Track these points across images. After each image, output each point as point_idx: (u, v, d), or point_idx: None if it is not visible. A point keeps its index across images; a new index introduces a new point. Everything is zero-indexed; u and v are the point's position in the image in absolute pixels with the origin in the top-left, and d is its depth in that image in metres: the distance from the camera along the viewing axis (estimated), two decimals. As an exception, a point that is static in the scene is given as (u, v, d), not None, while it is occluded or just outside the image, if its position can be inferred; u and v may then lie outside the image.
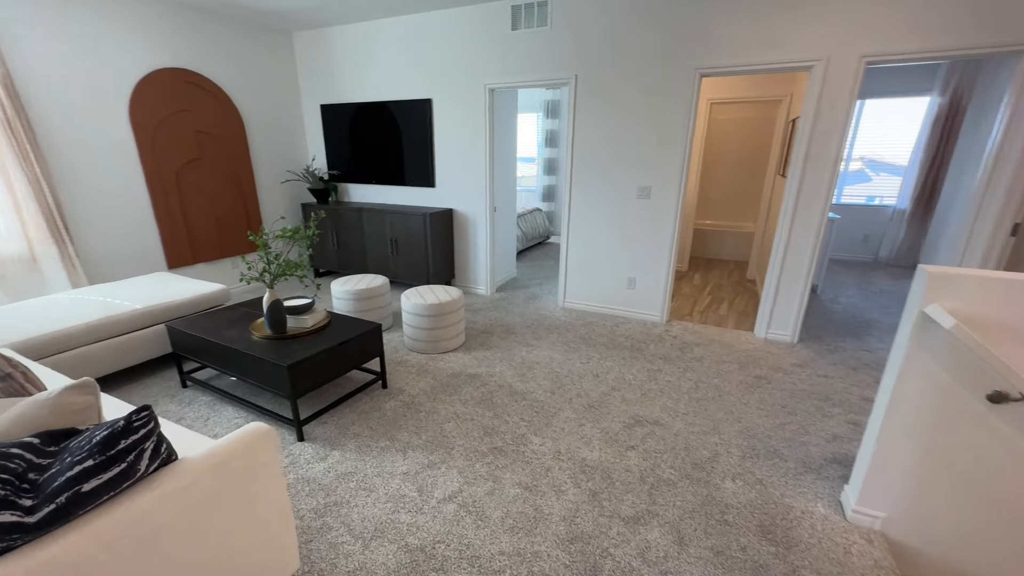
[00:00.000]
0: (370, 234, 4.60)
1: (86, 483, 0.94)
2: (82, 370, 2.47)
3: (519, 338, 3.56)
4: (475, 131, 4.18)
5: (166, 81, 3.75)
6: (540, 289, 4.84)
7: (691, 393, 2.78)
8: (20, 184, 2.94)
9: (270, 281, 2.40)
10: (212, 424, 2.39)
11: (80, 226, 3.35)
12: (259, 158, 4.61)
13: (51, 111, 3.14)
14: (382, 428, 2.38)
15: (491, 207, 4.38)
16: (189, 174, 4.01)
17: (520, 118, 7.62)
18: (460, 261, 4.70)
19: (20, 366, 1.24)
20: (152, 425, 1.05)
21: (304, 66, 4.83)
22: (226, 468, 1.19)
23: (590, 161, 3.82)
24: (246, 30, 4.31)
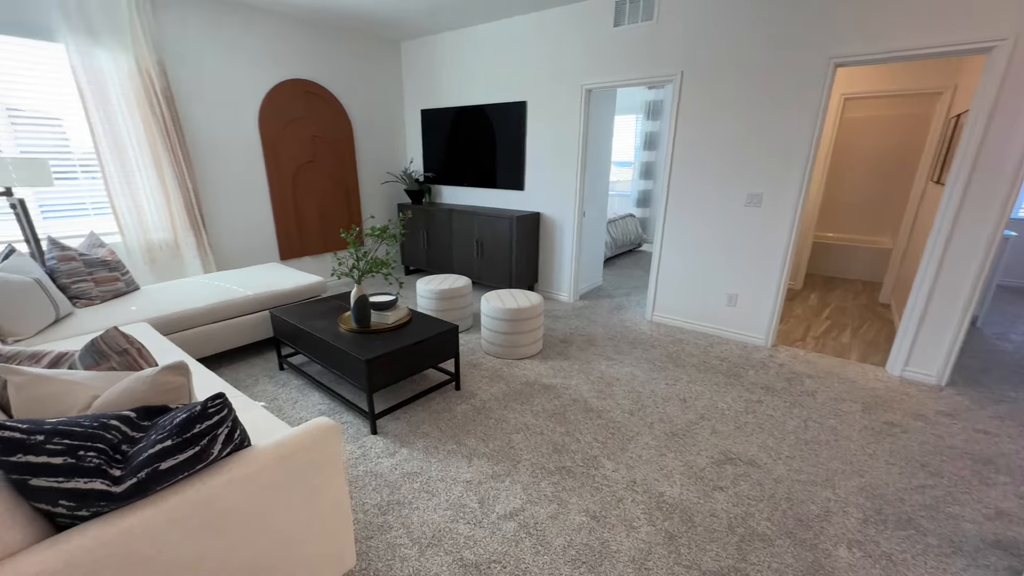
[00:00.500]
0: (458, 235, 4.69)
1: (163, 462, 0.99)
2: (200, 347, 2.79)
3: (600, 350, 3.36)
4: (568, 133, 4.07)
5: (289, 91, 4.15)
6: (627, 300, 4.57)
7: (798, 433, 2.39)
8: (171, 181, 3.42)
9: (358, 277, 2.50)
10: (299, 407, 2.55)
11: (212, 218, 3.83)
12: (363, 160, 4.93)
13: (197, 118, 3.62)
14: (451, 431, 2.36)
15: (580, 212, 4.23)
16: (303, 175, 4.41)
17: (617, 120, 7.35)
18: (544, 266, 4.60)
19: (136, 343, 1.38)
20: (225, 412, 1.09)
21: (409, 73, 5.09)
22: (291, 460, 1.20)
23: (692, 165, 3.51)
24: (361, 42, 4.64)
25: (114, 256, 2.85)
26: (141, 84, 3.20)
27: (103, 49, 3.04)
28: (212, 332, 2.83)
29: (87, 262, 2.67)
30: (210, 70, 3.64)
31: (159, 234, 3.47)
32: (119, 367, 1.33)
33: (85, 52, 2.97)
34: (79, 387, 1.16)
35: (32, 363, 1.27)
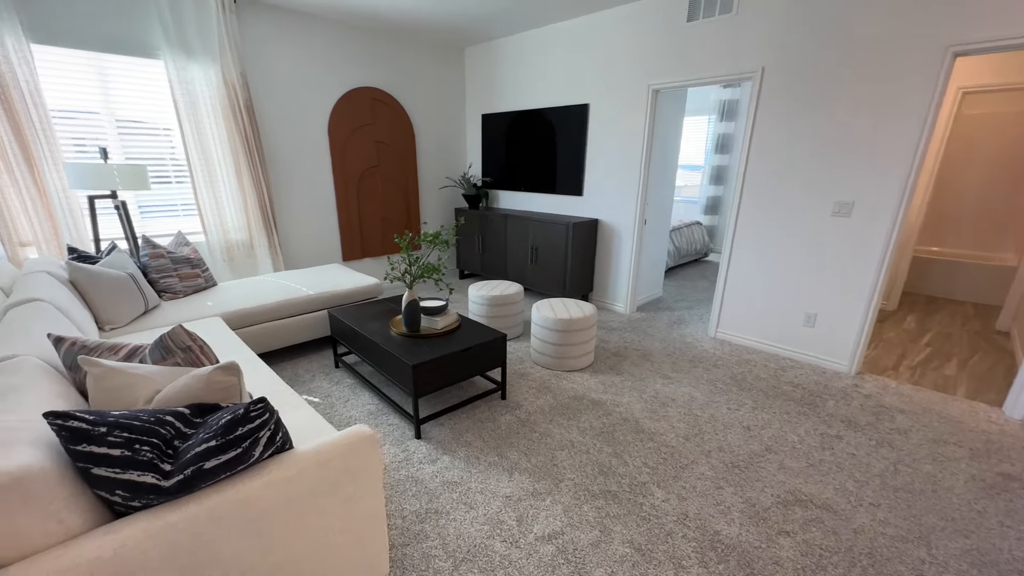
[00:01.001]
0: (512, 241, 4.67)
1: (207, 461, 1.02)
2: (266, 342, 2.96)
3: (655, 367, 3.18)
4: (631, 137, 3.91)
5: (357, 99, 4.34)
6: (688, 313, 4.32)
7: (885, 477, 2.10)
8: (248, 186, 3.69)
9: (410, 282, 2.53)
10: (350, 406, 2.62)
11: (283, 221, 4.08)
12: (424, 166, 5.06)
13: (272, 127, 3.88)
14: (493, 442, 2.32)
15: (640, 219, 4.05)
16: (367, 179, 4.59)
17: (686, 122, 7.02)
18: (600, 275, 4.46)
19: (199, 340, 1.47)
20: (267, 416, 1.11)
21: (471, 79, 5.16)
22: (328, 466, 1.21)
23: (770, 170, 3.24)
24: (427, 50, 4.76)
25: (197, 254, 3.11)
26: (226, 95, 3.47)
27: (196, 64, 3.33)
28: (277, 328, 2.99)
29: (173, 259, 2.93)
30: (285, 82, 3.88)
31: (237, 235, 3.74)
32: (183, 363, 1.41)
33: (181, 67, 3.27)
34: (145, 381, 1.24)
35: (111, 355, 1.38)
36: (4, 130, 2.69)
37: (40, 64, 2.86)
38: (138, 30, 3.14)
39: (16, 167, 2.75)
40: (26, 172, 2.78)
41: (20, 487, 0.84)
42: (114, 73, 3.13)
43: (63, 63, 2.94)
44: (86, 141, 3.10)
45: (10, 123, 2.70)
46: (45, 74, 2.89)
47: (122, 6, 3.05)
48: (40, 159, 2.82)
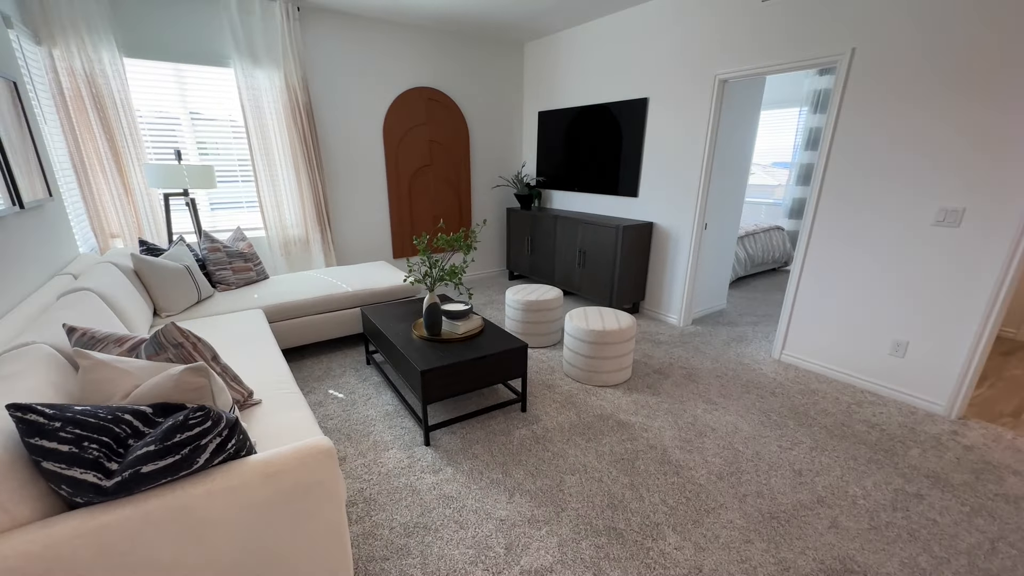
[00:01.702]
0: (561, 243, 4.49)
1: (145, 465, 1.03)
2: (304, 335, 3.09)
3: (700, 389, 2.86)
4: (693, 132, 3.57)
5: (412, 99, 4.41)
6: (752, 330, 3.86)
7: (976, 557, 1.68)
8: (305, 184, 3.90)
9: (431, 284, 2.49)
10: (369, 405, 2.65)
11: (336, 218, 4.27)
12: (477, 165, 5.04)
13: (330, 128, 4.06)
14: (501, 457, 2.20)
15: (700, 223, 3.69)
16: (419, 178, 4.66)
17: (775, 114, 6.33)
18: (653, 282, 4.14)
19: (191, 336, 1.52)
20: (208, 424, 1.09)
21: (529, 75, 5.04)
22: (278, 478, 1.18)
23: (856, 168, 2.78)
24: (486, 47, 4.72)
25: (251, 249, 3.33)
26: (288, 98, 3.68)
27: (261, 70, 3.57)
28: (314, 323, 3.12)
29: (228, 253, 3.17)
30: (343, 85, 4.04)
31: (294, 230, 3.98)
32: (175, 359, 1.47)
33: (248, 73, 3.52)
34: (126, 376, 1.29)
35: (116, 347, 1.47)
36: (99, 136, 3.06)
37: (130, 75, 3.21)
38: (212, 41, 3.42)
39: (108, 168, 3.12)
40: (115, 172, 3.15)
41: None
42: (191, 80, 3.44)
43: (148, 73, 3.29)
44: (165, 143, 3.45)
45: (104, 130, 3.07)
46: (134, 84, 3.25)
47: (199, 21, 3.34)
48: (127, 161, 3.18)
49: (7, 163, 1.99)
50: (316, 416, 2.50)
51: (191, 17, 3.31)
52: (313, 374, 2.97)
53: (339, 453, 2.20)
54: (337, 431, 2.38)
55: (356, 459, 2.16)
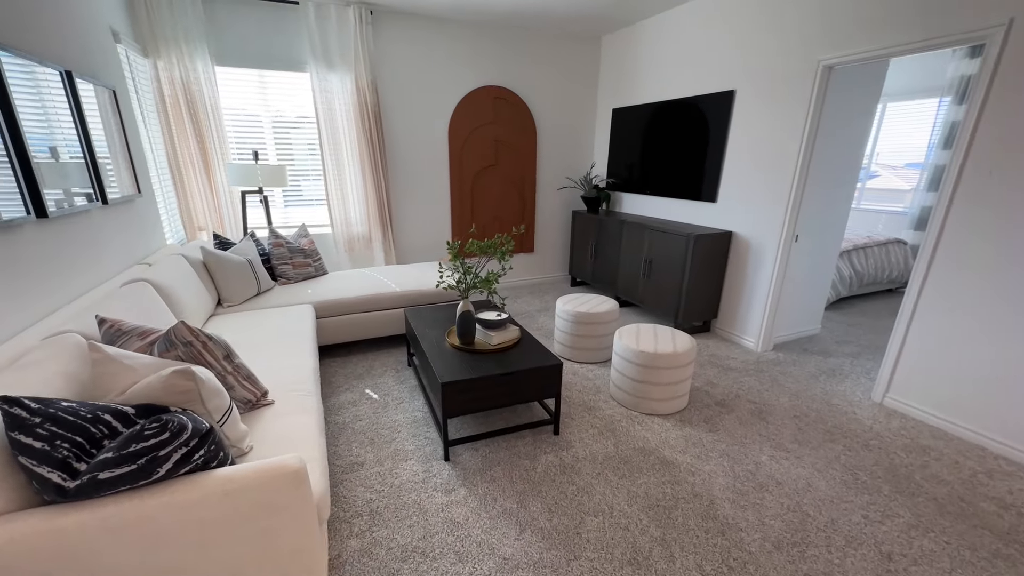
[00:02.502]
0: (626, 250, 4.16)
1: (102, 472, 1.02)
2: (350, 332, 3.16)
3: (769, 430, 2.44)
4: (786, 129, 3.09)
5: (479, 98, 4.36)
6: (849, 363, 3.26)
7: None
8: (370, 184, 4.01)
9: (464, 291, 2.38)
10: (400, 410, 2.61)
11: (398, 217, 4.35)
12: (543, 165, 4.86)
13: (396, 129, 4.14)
14: (521, 484, 2.02)
15: (789, 234, 3.18)
16: (483, 178, 4.60)
17: (907, 106, 5.37)
18: (729, 299, 3.67)
19: (202, 335, 1.55)
20: (164, 437, 1.06)
21: (605, 70, 4.75)
22: (237, 496, 1.12)
23: (1003, 172, 2.18)
24: (560, 42, 4.53)
25: (312, 245, 3.49)
26: (357, 100, 3.80)
27: (334, 73, 3.71)
28: (361, 320, 3.17)
29: (290, 249, 3.33)
30: (411, 85, 4.09)
31: (358, 228, 4.11)
32: (184, 357, 1.50)
33: (322, 77, 3.68)
34: (130, 372, 1.32)
35: (138, 340, 1.54)
36: (191, 137, 3.38)
37: (219, 81, 3.51)
38: (292, 48, 3.63)
39: (197, 167, 3.44)
40: (203, 171, 3.46)
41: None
42: (271, 85, 3.69)
43: (235, 79, 3.57)
44: (247, 143, 3.73)
45: (195, 132, 3.39)
46: (222, 89, 3.54)
47: (282, 30, 3.56)
48: (213, 160, 3.48)
49: (95, 166, 2.22)
50: (346, 416, 2.52)
51: (274, 26, 3.53)
52: (355, 372, 3.02)
53: (358, 459, 2.17)
54: (362, 434, 2.37)
55: (373, 466, 2.12)
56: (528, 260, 5.11)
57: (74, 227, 2.02)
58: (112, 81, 2.60)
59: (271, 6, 3.49)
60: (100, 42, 2.54)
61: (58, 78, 2.02)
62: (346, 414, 2.54)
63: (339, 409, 2.58)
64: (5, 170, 1.60)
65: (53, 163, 1.88)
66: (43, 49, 1.95)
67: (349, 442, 2.29)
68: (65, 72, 2.07)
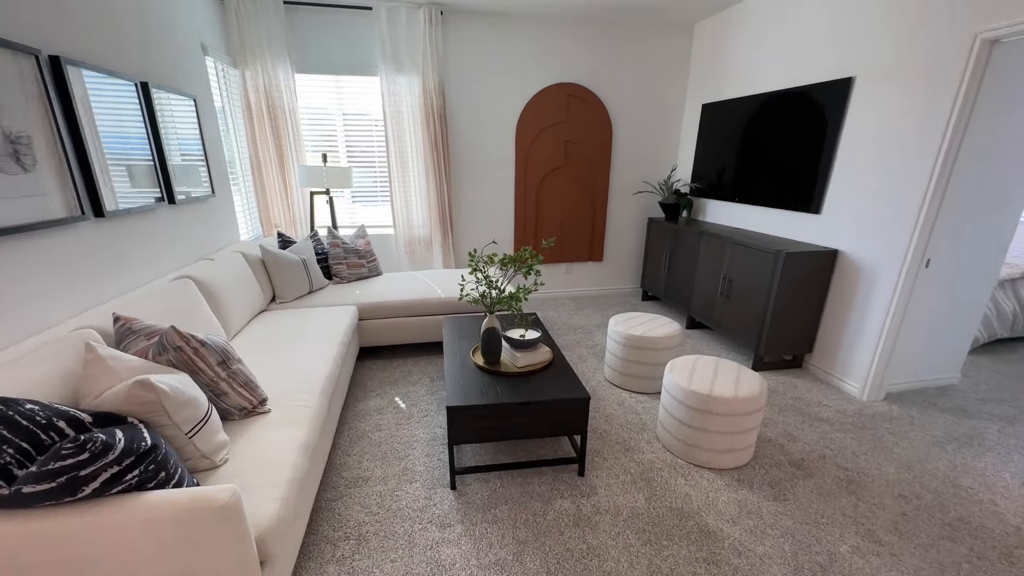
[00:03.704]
0: (704, 265, 3.65)
1: (26, 486, 1.00)
2: (391, 335, 3.14)
3: (858, 510, 1.90)
4: (922, 123, 2.44)
5: (550, 97, 4.12)
6: (996, 430, 2.48)
7: None
8: (433, 186, 3.99)
9: (489, 305, 2.19)
10: (423, 424, 2.49)
11: (459, 220, 4.28)
12: (618, 168, 4.47)
13: (461, 130, 4.06)
14: (523, 532, 1.78)
15: (916, 256, 2.51)
16: (550, 181, 4.35)
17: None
18: (829, 332, 3.02)
19: (193, 341, 1.55)
20: (83, 457, 1.01)
21: (696, 61, 4.23)
22: (160, 527, 1.06)
23: None
24: (643, 33, 4.12)
25: (368, 247, 3.54)
26: (424, 103, 3.80)
27: (403, 76, 3.74)
28: (403, 325, 3.13)
29: (346, 250, 3.41)
30: (478, 86, 3.98)
31: (420, 230, 4.13)
32: (175, 362, 1.51)
33: (391, 80, 3.73)
34: (112, 375, 1.34)
35: (145, 340, 1.59)
36: (271, 141, 3.63)
37: (298, 88, 3.71)
38: (364, 53, 3.72)
39: (274, 168, 3.68)
40: (279, 173, 3.70)
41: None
42: (345, 89, 3.83)
43: (312, 85, 3.76)
44: (320, 145, 3.91)
45: (273, 136, 3.62)
46: (300, 95, 3.74)
47: (355, 35, 3.67)
48: (288, 162, 3.70)
49: (165, 169, 2.42)
50: (368, 425, 2.47)
51: (349, 33, 3.65)
52: (391, 377, 2.99)
53: (365, 473, 2.09)
54: (378, 446, 2.29)
55: (376, 484, 2.02)
56: (596, 270, 4.75)
57: (135, 224, 2.20)
58: (194, 90, 2.84)
59: (346, 12, 3.61)
60: (187, 55, 2.78)
61: (132, 90, 2.21)
62: (368, 422, 2.49)
63: (363, 415, 2.55)
64: (68, 170, 1.76)
65: (122, 165, 2.06)
66: (119, 64, 2.14)
67: (362, 453, 2.23)
68: (140, 84, 2.26)
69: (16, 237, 1.57)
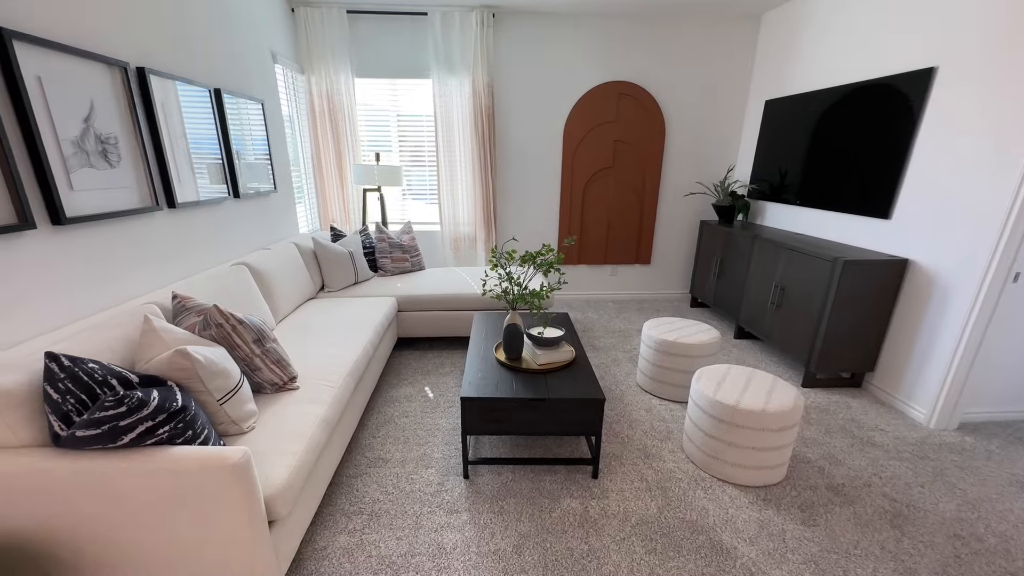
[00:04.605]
0: (756, 271, 3.43)
1: (79, 430, 1.18)
2: (429, 327, 3.26)
3: (901, 546, 1.72)
4: (1016, 117, 2.14)
5: (601, 95, 4.07)
6: (1096, 476, 2.12)
7: None
8: (478, 186, 4.09)
9: (511, 301, 2.22)
10: (448, 414, 2.56)
11: (502, 219, 4.34)
12: (670, 167, 4.32)
13: (507, 129, 4.12)
14: (526, 526, 1.79)
15: (1004, 269, 2.21)
16: (597, 182, 4.30)
17: None
18: (894, 350, 2.73)
19: (232, 319, 1.72)
20: (121, 410, 1.18)
21: (762, 55, 3.99)
22: (183, 478, 1.20)
23: None
24: (705, 26, 3.96)
25: (412, 242, 3.70)
26: (473, 103, 3.90)
27: (454, 77, 3.87)
28: (439, 318, 3.24)
29: (391, 244, 3.59)
30: (527, 86, 4.02)
31: (464, 228, 4.24)
32: (216, 337, 1.69)
33: (442, 81, 3.87)
34: (161, 344, 1.54)
35: (196, 316, 1.79)
36: (330, 141, 3.91)
37: (357, 91, 3.96)
38: (418, 57, 3.90)
39: (332, 167, 3.96)
40: (336, 171, 3.97)
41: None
42: (400, 91, 4.03)
43: (369, 88, 4.00)
44: (375, 145, 4.14)
45: (333, 137, 3.90)
46: (359, 98, 3.99)
47: (411, 41, 3.85)
48: (346, 161, 3.96)
49: (232, 167, 2.70)
50: (396, 411, 2.59)
51: (405, 37, 3.84)
52: (424, 367, 3.11)
53: (386, 455, 2.21)
54: (402, 431, 2.41)
55: (395, 467, 2.13)
56: (642, 273, 4.62)
57: (203, 215, 2.47)
58: (262, 95, 3.13)
59: (402, 19, 3.80)
60: (258, 64, 3.07)
61: (206, 95, 2.49)
62: (396, 408, 2.62)
63: (393, 402, 2.68)
64: (146, 166, 2.03)
65: (194, 162, 2.33)
66: (195, 73, 2.42)
67: (386, 437, 2.35)
68: (213, 90, 2.55)
69: (105, 223, 1.84)
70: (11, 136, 1.51)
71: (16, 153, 1.52)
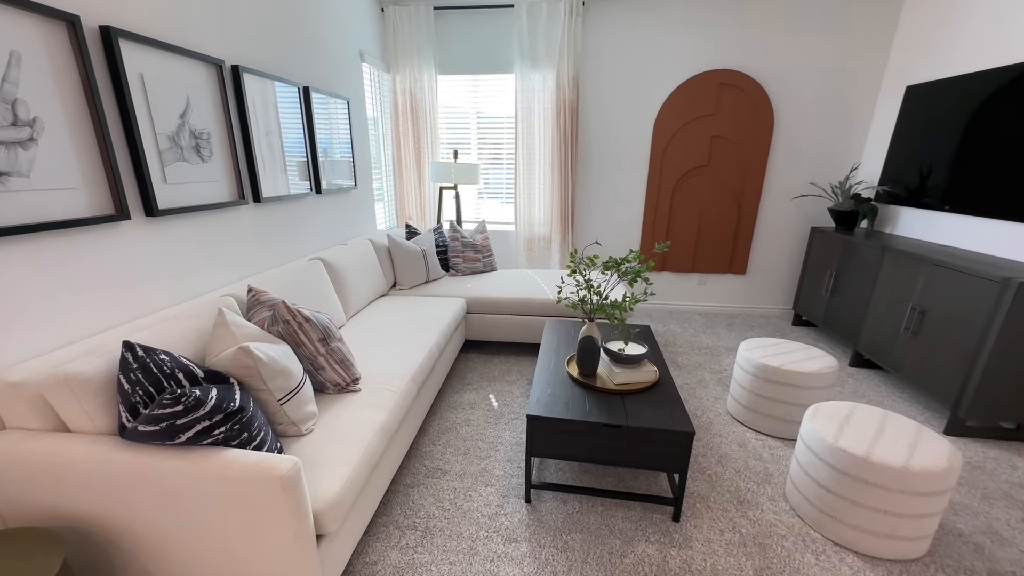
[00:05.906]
0: (883, 289, 2.87)
1: (141, 424, 1.17)
2: (497, 332, 3.12)
3: None
4: None
5: (696, 87, 3.68)
6: None
7: None
8: (557, 185, 3.89)
9: (588, 311, 2.00)
10: (512, 426, 2.40)
11: (580, 219, 4.09)
12: (776, 165, 3.80)
13: (591, 125, 3.87)
14: (593, 570, 1.57)
15: None
16: (689, 181, 3.90)
17: None
18: (1083, 399, 2.11)
19: (299, 316, 1.68)
20: (178, 409, 1.14)
21: (904, 32, 3.37)
22: (232, 484, 1.15)
23: None
24: (831, 5, 3.42)
25: (485, 242, 3.59)
26: (556, 98, 3.71)
27: (537, 71, 3.71)
28: (508, 322, 3.09)
29: (463, 243, 3.51)
30: (616, 79, 3.74)
31: (540, 228, 4.06)
32: (282, 333, 1.66)
33: (525, 76, 3.73)
34: (231, 339, 1.53)
35: (267, 311, 1.79)
36: (411, 140, 3.92)
37: (439, 89, 3.94)
38: (502, 51, 3.78)
39: (412, 164, 3.98)
40: (415, 168, 3.98)
41: (67, 384, 1.21)
42: (481, 87, 3.95)
43: (451, 85, 3.95)
44: (454, 143, 4.10)
45: (413, 134, 3.91)
46: (440, 95, 3.97)
47: (495, 35, 3.75)
48: (424, 159, 3.96)
49: (316, 163, 2.75)
50: (458, 418, 2.47)
51: (489, 33, 3.75)
52: (491, 373, 2.97)
53: (445, 465, 2.09)
54: (463, 440, 2.28)
55: (453, 480, 2.00)
56: (736, 284, 4.13)
57: (286, 210, 2.54)
58: (348, 93, 3.19)
59: (488, 12, 3.71)
60: (346, 62, 3.13)
61: (295, 93, 2.55)
62: (459, 415, 2.50)
63: (455, 407, 2.57)
64: (235, 161, 2.09)
65: (281, 158, 2.39)
66: (286, 71, 2.48)
67: (446, 445, 2.24)
68: (302, 88, 2.60)
69: (193, 215, 1.91)
70: (113, 131, 1.58)
71: (116, 147, 1.59)
